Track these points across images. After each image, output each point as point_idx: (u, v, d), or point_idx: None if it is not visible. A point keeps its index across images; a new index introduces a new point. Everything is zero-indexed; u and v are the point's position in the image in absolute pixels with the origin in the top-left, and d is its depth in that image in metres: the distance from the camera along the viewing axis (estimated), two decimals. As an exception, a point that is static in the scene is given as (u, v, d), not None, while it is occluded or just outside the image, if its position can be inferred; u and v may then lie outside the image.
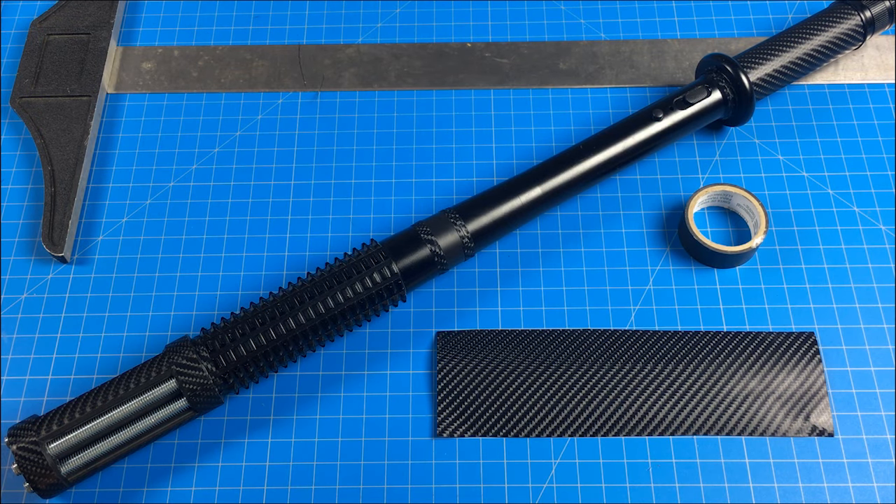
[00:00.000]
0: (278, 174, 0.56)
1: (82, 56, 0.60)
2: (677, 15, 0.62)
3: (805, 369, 0.48)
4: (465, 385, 0.48)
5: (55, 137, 0.56)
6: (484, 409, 0.47)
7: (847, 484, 0.45)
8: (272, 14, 0.63)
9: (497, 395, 0.48)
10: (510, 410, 0.47)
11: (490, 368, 0.48)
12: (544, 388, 0.48)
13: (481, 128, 0.58)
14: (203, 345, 0.45)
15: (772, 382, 0.47)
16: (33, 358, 0.50)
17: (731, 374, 0.48)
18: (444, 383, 0.48)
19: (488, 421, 0.47)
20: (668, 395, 0.47)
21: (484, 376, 0.48)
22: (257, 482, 0.46)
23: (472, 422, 0.47)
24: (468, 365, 0.48)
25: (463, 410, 0.47)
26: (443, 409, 0.47)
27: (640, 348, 0.49)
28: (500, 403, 0.47)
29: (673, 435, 0.47)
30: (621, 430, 0.47)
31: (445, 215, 0.49)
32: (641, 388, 0.48)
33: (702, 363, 0.48)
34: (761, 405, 0.47)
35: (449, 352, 0.49)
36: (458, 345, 0.49)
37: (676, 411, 0.47)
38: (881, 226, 0.53)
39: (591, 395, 0.48)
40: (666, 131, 0.52)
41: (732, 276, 0.52)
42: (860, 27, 0.56)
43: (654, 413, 0.47)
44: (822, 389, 0.47)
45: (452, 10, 0.63)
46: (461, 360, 0.49)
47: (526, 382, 0.48)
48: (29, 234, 0.54)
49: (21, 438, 0.42)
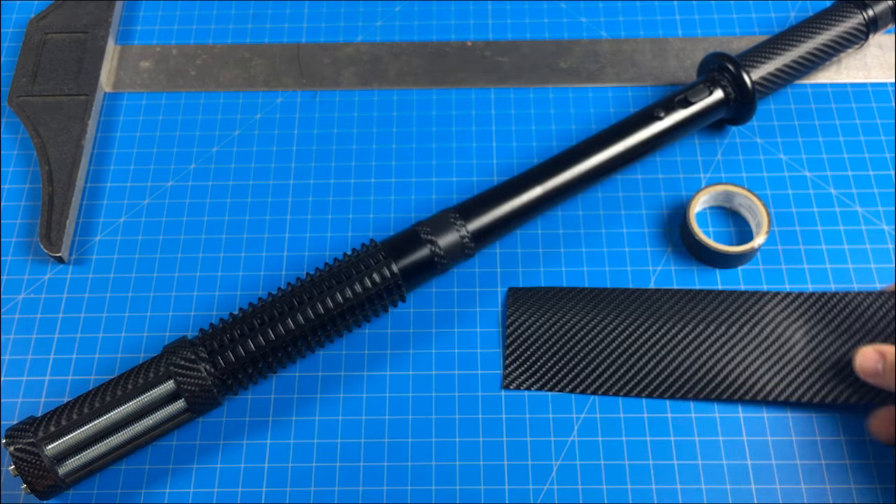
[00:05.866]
0: (277, 174, 0.56)
1: (80, 55, 0.59)
2: (679, 13, 0.62)
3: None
4: (533, 342, 0.48)
5: (53, 137, 0.56)
6: (543, 367, 0.48)
7: (849, 486, 0.45)
8: (271, 13, 0.63)
9: (564, 353, 0.48)
10: (577, 368, 0.48)
11: (555, 327, 0.49)
12: (604, 345, 0.48)
13: (481, 127, 0.57)
14: (201, 345, 0.45)
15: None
16: (31, 359, 0.50)
17: (811, 339, 0.48)
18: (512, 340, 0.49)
19: (549, 376, 0.48)
20: (739, 357, 0.47)
21: (551, 334, 0.49)
22: (256, 483, 0.46)
23: (535, 377, 0.47)
24: (536, 320, 0.49)
25: (529, 366, 0.48)
26: (511, 363, 0.47)
27: (717, 308, 0.49)
28: (565, 362, 0.48)
29: (741, 399, 0.47)
30: (689, 392, 0.47)
31: (445, 215, 0.49)
32: (716, 349, 0.48)
33: (778, 327, 0.48)
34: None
35: (518, 307, 0.50)
36: (525, 302, 0.50)
37: (748, 374, 0.47)
38: (884, 226, 0.53)
39: (660, 355, 0.48)
40: (667, 130, 0.52)
41: (734, 276, 0.51)
42: (863, 26, 0.55)
43: (724, 375, 0.47)
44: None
45: (452, 9, 0.62)
46: (529, 317, 0.49)
47: (592, 338, 0.49)
48: (26, 234, 0.54)
49: (18, 440, 0.42)
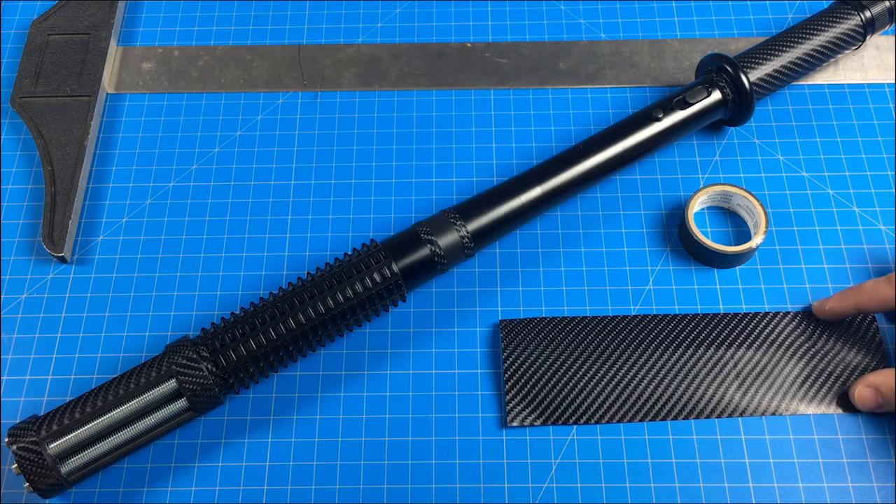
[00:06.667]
0: (278, 174, 0.56)
1: (82, 56, 0.60)
2: (677, 15, 0.62)
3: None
4: (531, 375, 0.48)
5: (55, 137, 0.56)
6: (550, 400, 0.48)
7: (847, 484, 0.45)
8: (272, 14, 0.63)
9: (562, 384, 0.48)
10: (578, 399, 0.48)
11: (550, 358, 0.49)
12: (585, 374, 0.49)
13: (481, 128, 0.58)
14: (203, 345, 0.45)
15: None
16: (33, 358, 0.50)
17: (801, 356, 0.49)
18: (510, 373, 0.48)
19: (551, 409, 0.47)
20: (731, 377, 0.48)
21: (548, 366, 0.49)
22: (257, 482, 0.46)
23: (537, 411, 0.47)
24: (531, 353, 0.49)
25: (530, 400, 0.48)
26: (511, 399, 0.48)
27: (703, 331, 0.49)
28: (567, 391, 0.48)
29: (742, 416, 0.47)
30: (690, 413, 0.47)
31: (445, 215, 0.49)
32: (707, 371, 0.48)
33: (771, 347, 0.49)
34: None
35: (513, 342, 0.49)
36: (517, 335, 0.50)
37: (742, 393, 0.48)
38: (881, 226, 0.53)
39: (657, 379, 0.48)
40: (666, 131, 0.52)
41: (732, 276, 0.52)
42: (860, 27, 0.56)
43: (720, 396, 0.48)
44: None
45: (452, 10, 0.63)
46: (523, 350, 0.49)
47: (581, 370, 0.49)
48: (29, 234, 0.54)
49: (21, 438, 0.42)
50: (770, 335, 0.49)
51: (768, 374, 0.48)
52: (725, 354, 0.49)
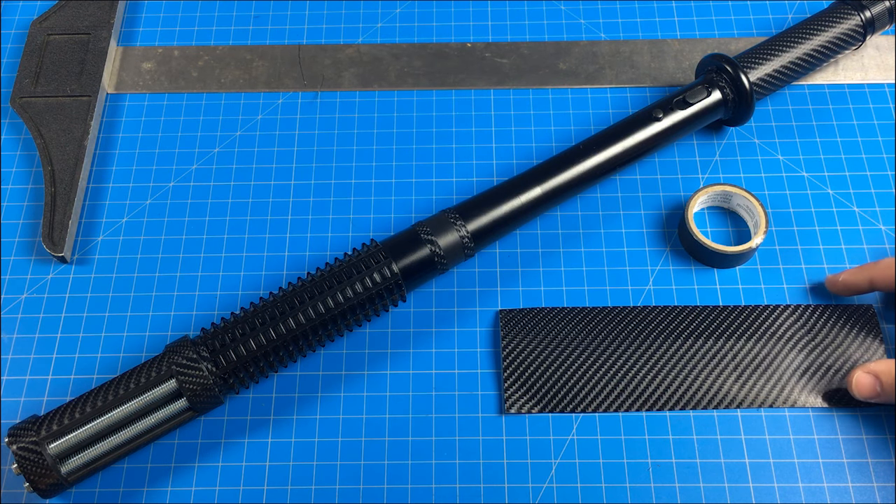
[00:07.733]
0: (278, 174, 0.56)
1: (82, 56, 0.60)
2: (677, 15, 0.62)
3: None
4: (530, 363, 0.49)
5: (55, 137, 0.56)
6: (548, 389, 0.48)
7: (847, 484, 0.45)
8: (272, 14, 0.63)
9: (557, 372, 0.48)
10: (576, 388, 0.48)
11: (549, 347, 0.49)
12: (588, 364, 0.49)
13: (481, 128, 0.58)
14: (203, 345, 0.45)
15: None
16: (33, 358, 0.50)
17: (801, 349, 0.49)
18: (509, 360, 0.49)
19: (549, 397, 0.48)
20: (730, 369, 0.48)
21: (546, 355, 0.49)
22: (257, 482, 0.47)
23: (535, 399, 0.48)
24: (530, 342, 0.49)
25: (528, 388, 0.48)
26: (510, 386, 0.48)
27: (702, 323, 0.50)
28: (566, 380, 0.48)
29: (740, 407, 0.47)
30: (688, 404, 0.47)
31: (445, 215, 0.49)
32: (713, 363, 0.48)
33: (770, 339, 0.49)
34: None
35: (511, 331, 0.50)
36: (516, 325, 0.50)
37: (741, 385, 0.48)
38: (881, 226, 0.53)
39: (655, 369, 0.48)
40: (666, 131, 0.52)
41: (732, 276, 0.52)
42: (860, 27, 0.56)
43: (718, 387, 0.48)
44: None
45: (452, 11, 0.63)
46: (523, 339, 0.49)
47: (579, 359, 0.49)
48: (29, 234, 0.54)
49: (21, 438, 0.42)
50: (769, 328, 0.49)
51: (767, 366, 0.48)
52: (724, 346, 0.49)
